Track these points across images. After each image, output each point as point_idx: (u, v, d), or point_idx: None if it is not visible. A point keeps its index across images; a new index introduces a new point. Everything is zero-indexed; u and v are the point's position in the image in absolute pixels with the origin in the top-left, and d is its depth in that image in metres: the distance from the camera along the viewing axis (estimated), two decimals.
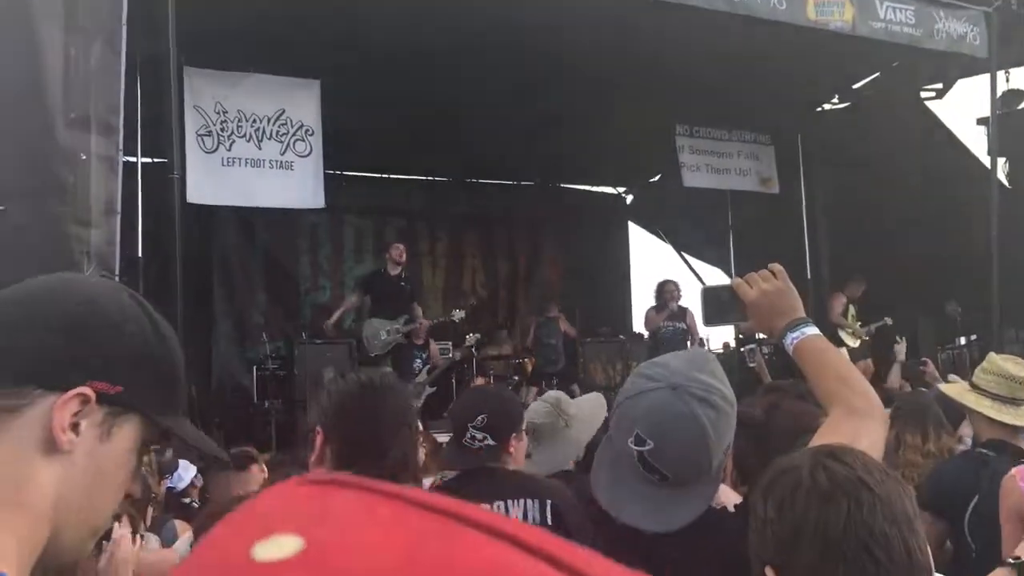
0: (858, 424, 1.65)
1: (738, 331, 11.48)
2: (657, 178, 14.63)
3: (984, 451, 3.31)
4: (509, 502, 2.70)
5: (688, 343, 10.14)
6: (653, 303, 10.58)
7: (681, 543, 1.57)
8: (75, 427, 0.89)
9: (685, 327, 10.23)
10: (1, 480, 0.87)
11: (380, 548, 0.34)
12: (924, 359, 7.66)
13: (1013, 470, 2.82)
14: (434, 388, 9.64)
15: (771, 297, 1.83)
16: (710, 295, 2.01)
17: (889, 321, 10.17)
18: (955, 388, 3.65)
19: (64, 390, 0.89)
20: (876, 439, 1.64)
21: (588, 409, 3.42)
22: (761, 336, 9.97)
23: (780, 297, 1.83)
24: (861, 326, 10.42)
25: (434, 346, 10.11)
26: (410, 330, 9.27)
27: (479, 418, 2.79)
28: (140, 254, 8.68)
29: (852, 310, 10.50)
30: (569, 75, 9.62)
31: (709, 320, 2.03)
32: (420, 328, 9.38)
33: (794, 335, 1.79)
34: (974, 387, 3.49)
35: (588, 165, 13.80)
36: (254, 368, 10.45)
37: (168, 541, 3.42)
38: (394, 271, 9.46)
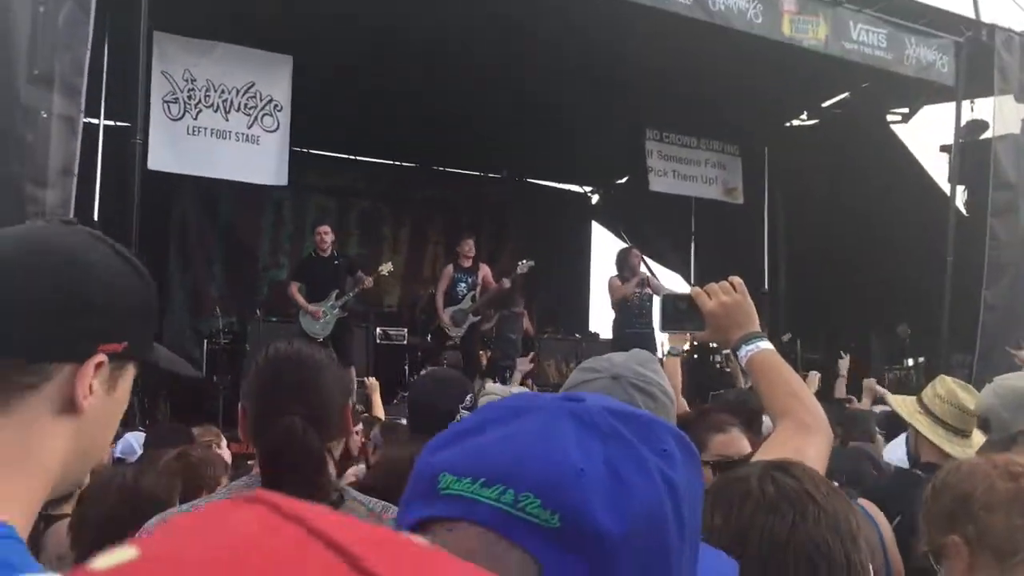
0: (805, 438, 1.68)
1: (693, 339, 11.53)
2: (624, 180, 14.71)
3: (919, 473, 3.36)
4: None
5: (652, 309, 9.85)
6: (615, 272, 10.28)
7: None
8: (90, 387, 0.96)
9: (651, 293, 9.99)
10: (15, 447, 0.93)
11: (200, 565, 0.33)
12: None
13: None
14: (478, 318, 9.69)
15: (729, 309, 1.86)
16: (668, 302, 2.04)
17: (786, 337, 10.44)
18: (905, 407, 3.67)
19: (78, 359, 0.95)
20: (822, 453, 1.67)
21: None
22: (713, 345, 10.05)
23: (737, 310, 1.85)
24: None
25: (486, 269, 9.96)
26: (345, 301, 9.16)
27: (468, 398, 2.76)
28: (96, 218, 8.57)
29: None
30: (545, 71, 9.63)
31: (665, 326, 2.05)
32: (365, 284, 9.23)
33: (748, 348, 1.82)
34: (925, 410, 3.52)
35: (557, 162, 13.81)
36: (205, 341, 10.32)
37: None
38: (324, 253, 9.30)
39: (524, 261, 9.80)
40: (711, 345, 10.88)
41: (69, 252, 0.98)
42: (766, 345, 1.83)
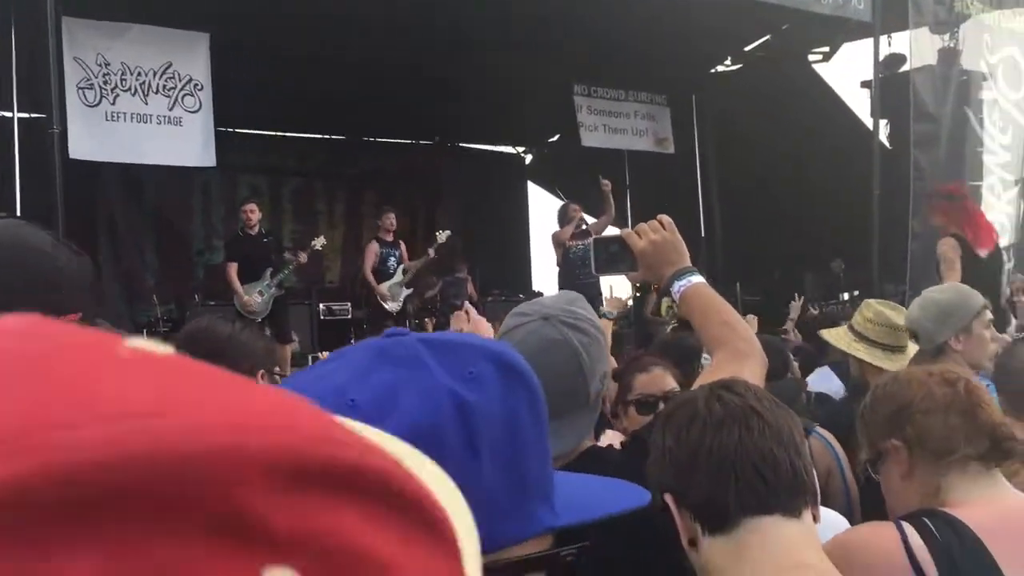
0: (740, 364, 1.73)
1: (632, 280, 11.62)
2: (556, 138, 14.72)
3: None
4: None
5: None
6: (557, 227, 10.30)
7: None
8: None
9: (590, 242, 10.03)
10: None
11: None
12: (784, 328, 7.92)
13: None
14: (411, 290, 9.79)
15: (659, 247, 1.89)
16: (600, 245, 2.07)
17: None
18: (839, 337, 3.76)
19: None
20: (757, 377, 1.73)
21: None
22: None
23: (668, 247, 1.89)
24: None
25: (402, 246, 10.05)
26: (280, 279, 9.10)
27: None
28: (19, 213, 8.33)
29: (667, 300, 10.78)
30: (468, 33, 9.55)
31: (599, 269, 2.07)
32: (299, 259, 9.21)
33: (681, 283, 1.86)
34: (859, 336, 3.61)
35: (488, 125, 13.78)
36: (143, 331, 10.14)
37: None
38: (253, 231, 9.19)
39: (440, 231, 9.89)
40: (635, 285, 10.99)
41: (22, 240, 1.08)
42: (698, 279, 1.87)
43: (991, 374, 2.89)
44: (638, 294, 11.25)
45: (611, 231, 11.44)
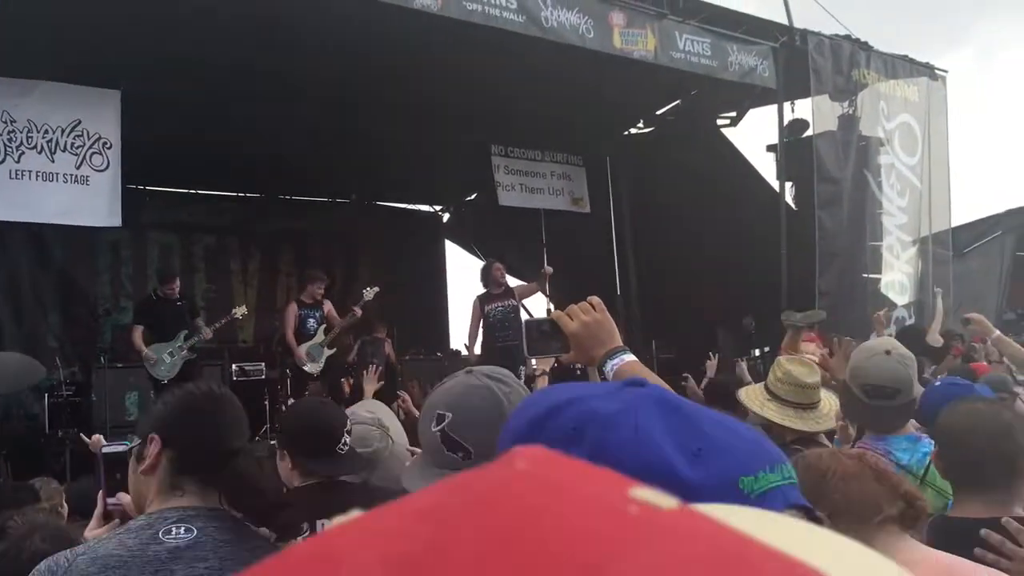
0: None
1: (558, 361, 11.67)
2: (473, 196, 14.82)
3: (797, 447, 3.54)
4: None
5: (517, 319, 9.81)
6: (481, 290, 10.10)
7: None
8: None
9: (514, 303, 9.99)
10: None
11: None
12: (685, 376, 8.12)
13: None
14: (333, 350, 9.62)
15: (591, 328, 1.91)
16: (532, 327, 2.09)
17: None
18: (753, 398, 3.83)
19: None
20: None
21: (387, 415, 3.41)
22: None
23: (599, 328, 1.91)
24: None
25: (329, 305, 9.86)
26: (193, 343, 8.95)
27: (348, 422, 2.81)
28: None
29: None
30: (383, 93, 9.60)
31: (531, 351, 2.10)
32: (204, 335, 9.07)
33: (613, 362, 1.88)
34: (772, 395, 3.70)
35: (404, 183, 13.80)
36: (46, 395, 9.73)
37: None
38: (169, 294, 9.08)
39: (369, 288, 9.81)
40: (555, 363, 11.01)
41: None
42: (629, 357, 1.89)
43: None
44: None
45: (537, 297, 11.54)
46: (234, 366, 10.54)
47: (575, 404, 0.73)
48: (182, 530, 1.84)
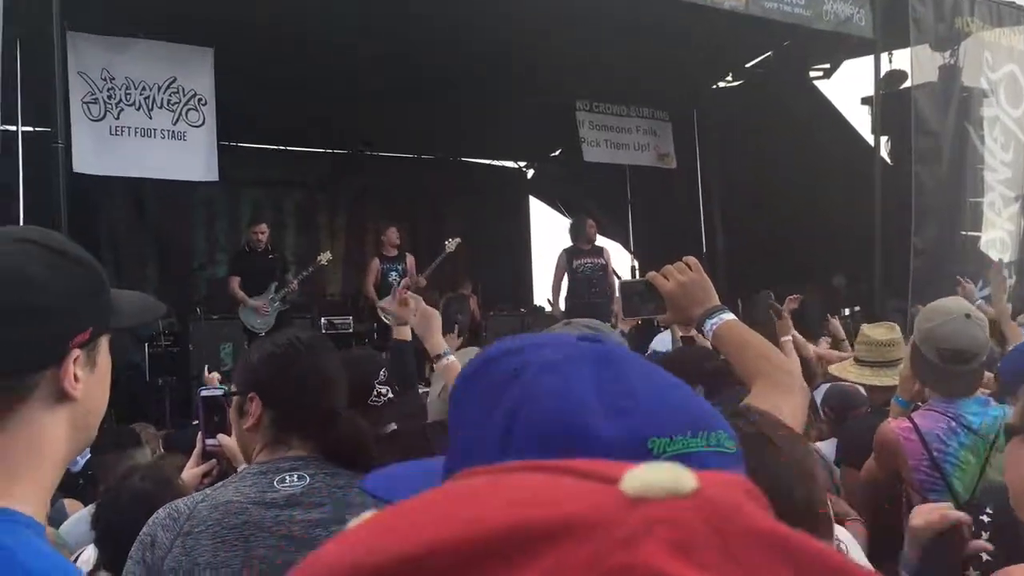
0: (780, 395, 1.71)
1: (657, 323, 11.60)
2: (558, 152, 14.74)
3: (886, 409, 3.52)
4: None
5: (606, 278, 9.88)
6: (569, 243, 10.16)
7: None
8: (75, 377, 1.07)
9: (603, 262, 9.96)
10: (22, 451, 1.04)
11: None
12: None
13: (890, 420, 2.99)
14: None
15: (687, 288, 1.89)
16: (627, 289, 2.08)
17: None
18: (839, 367, 3.97)
19: (55, 362, 1.05)
20: (797, 408, 1.71)
21: None
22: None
23: (696, 288, 1.89)
24: None
25: (411, 260, 10.03)
26: (284, 294, 9.17)
27: (382, 373, 2.90)
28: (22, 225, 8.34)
29: None
30: (469, 48, 9.58)
31: (628, 312, 2.08)
32: (292, 286, 9.33)
33: (712, 322, 1.86)
34: (855, 360, 3.78)
35: (490, 140, 13.79)
36: (146, 346, 10.13)
37: (56, 521, 3.32)
38: (260, 247, 9.32)
39: (450, 240, 9.87)
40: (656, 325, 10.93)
41: (7, 272, 1.02)
42: (728, 316, 1.87)
43: None
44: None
45: (621, 256, 11.45)
46: (323, 319, 10.77)
47: (525, 352, 0.72)
48: (295, 478, 1.89)
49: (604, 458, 0.61)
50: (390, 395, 2.80)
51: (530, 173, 15.98)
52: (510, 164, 15.87)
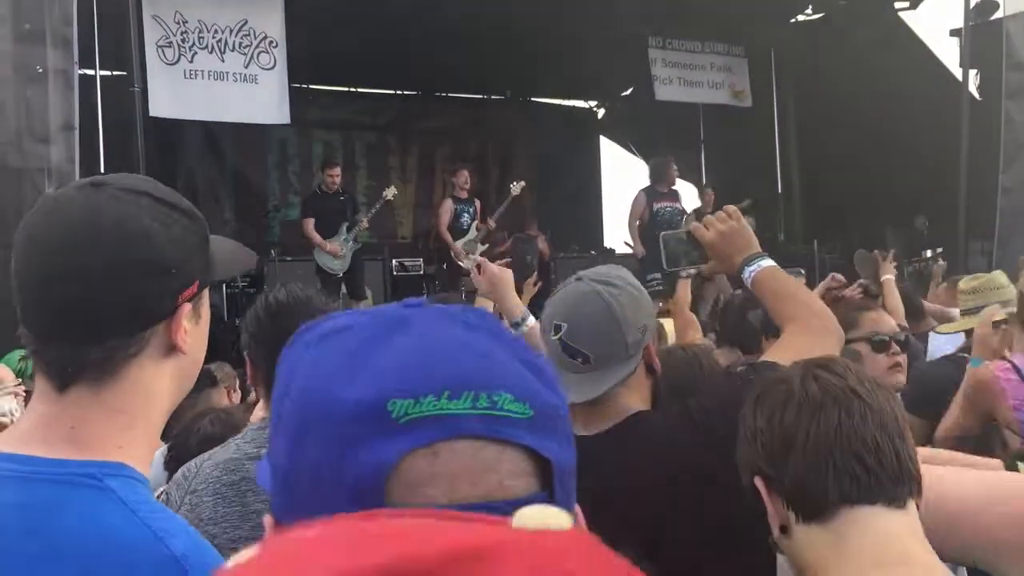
0: (813, 339, 1.75)
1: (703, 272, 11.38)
2: (629, 92, 14.48)
3: (964, 355, 3.41)
4: None
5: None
6: (647, 183, 9.85)
7: (613, 443, 1.70)
8: (184, 331, 1.09)
9: (682, 208, 9.73)
10: (135, 404, 1.07)
11: None
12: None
13: (987, 363, 2.90)
14: (486, 246, 9.73)
15: (727, 237, 1.95)
16: (670, 240, 2.14)
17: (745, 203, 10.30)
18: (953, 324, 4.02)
19: (167, 316, 1.07)
20: (829, 351, 1.70)
21: None
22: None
23: (736, 236, 1.95)
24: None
25: (478, 203, 10.06)
26: (356, 233, 9.28)
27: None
28: (103, 170, 8.55)
29: None
30: None
31: (670, 263, 2.14)
32: (362, 225, 9.39)
33: (751, 268, 1.91)
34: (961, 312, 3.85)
35: (560, 79, 13.60)
36: (223, 286, 10.37)
37: None
38: (332, 189, 9.40)
39: (515, 183, 9.82)
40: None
41: (122, 225, 1.02)
42: (767, 263, 1.92)
43: None
44: None
45: (692, 197, 11.23)
46: (394, 261, 10.88)
47: (337, 316, 0.67)
48: None
49: (347, 424, 0.58)
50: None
51: (600, 113, 15.76)
52: (581, 104, 15.66)
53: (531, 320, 2.54)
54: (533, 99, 14.92)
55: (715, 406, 1.63)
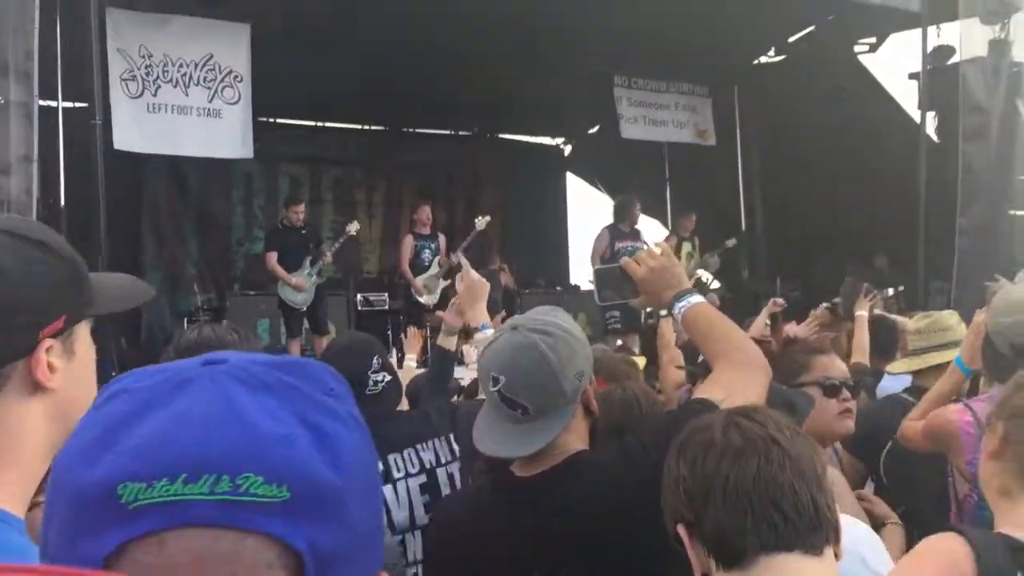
0: (742, 374, 1.79)
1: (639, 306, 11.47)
2: (595, 129, 14.61)
3: (906, 396, 3.42)
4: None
5: None
6: (611, 221, 10.05)
7: (551, 485, 1.72)
8: (50, 367, 1.05)
9: (643, 247, 9.83)
10: (1, 439, 1.03)
11: None
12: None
13: (950, 406, 2.89)
14: (448, 282, 9.62)
15: (658, 273, 1.98)
16: (602, 275, 2.19)
17: (731, 243, 10.70)
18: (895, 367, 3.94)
19: (25, 354, 1.04)
20: (758, 388, 1.76)
21: None
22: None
23: (666, 273, 1.98)
24: (709, 255, 10.76)
25: (442, 238, 10.05)
26: (319, 267, 9.23)
27: (375, 361, 2.83)
28: (63, 202, 8.44)
29: (688, 247, 10.64)
30: (507, 23, 9.49)
31: (603, 298, 2.17)
32: (326, 259, 9.33)
33: (681, 304, 1.94)
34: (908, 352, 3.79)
35: (527, 116, 13.70)
36: (185, 320, 10.25)
37: None
38: (294, 220, 9.37)
39: (480, 217, 9.84)
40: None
41: None
42: (697, 299, 1.95)
43: None
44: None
45: (660, 234, 11.32)
46: (359, 296, 10.83)
47: (127, 376, 0.63)
48: None
49: (78, 508, 0.54)
50: (387, 379, 2.76)
51: (567, 150, 15.88)
52: (548, 140, 15.77)
53: (489, 331, 2.66)
54: (500, 135, 15.01)
55: (651, 443, 1.64)
